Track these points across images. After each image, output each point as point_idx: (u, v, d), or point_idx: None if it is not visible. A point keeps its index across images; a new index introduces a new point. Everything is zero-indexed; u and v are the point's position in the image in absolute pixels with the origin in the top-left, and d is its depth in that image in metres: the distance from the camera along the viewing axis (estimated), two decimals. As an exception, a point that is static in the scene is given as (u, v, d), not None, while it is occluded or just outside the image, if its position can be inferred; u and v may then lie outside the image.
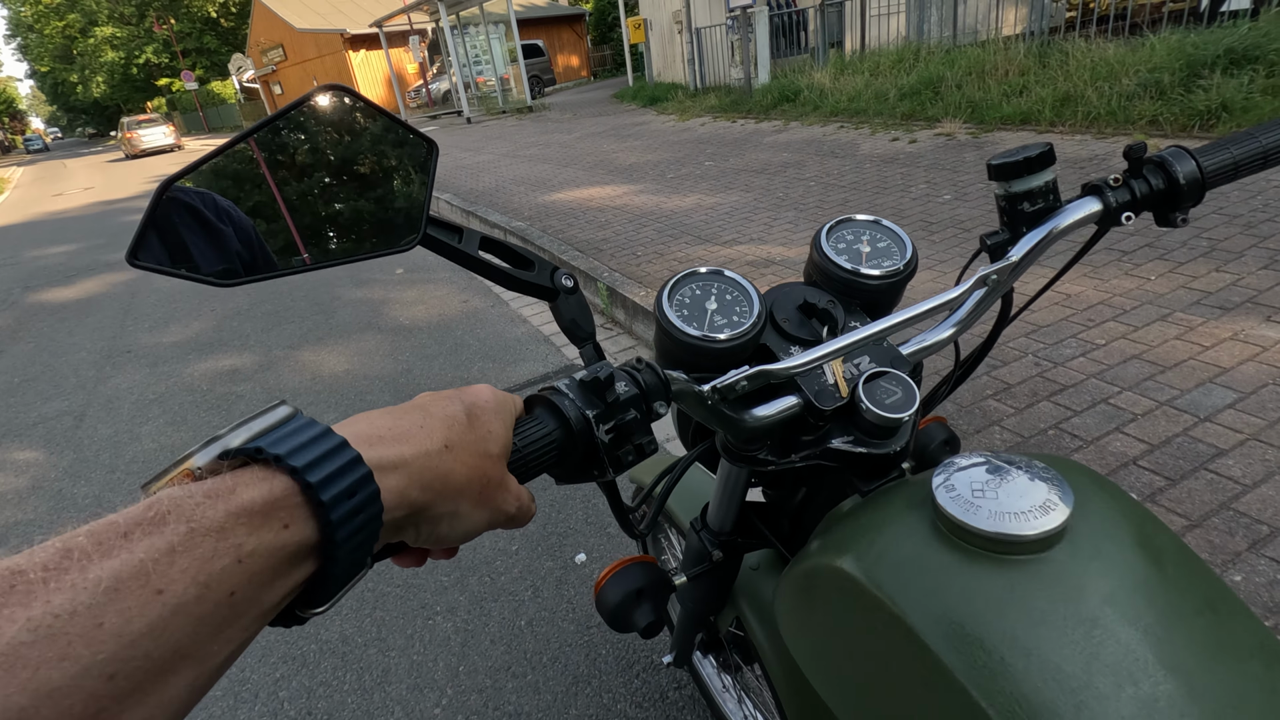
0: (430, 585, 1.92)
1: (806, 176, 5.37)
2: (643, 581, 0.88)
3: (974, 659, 0.42)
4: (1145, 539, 0.47)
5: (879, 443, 0.57)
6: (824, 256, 0.65)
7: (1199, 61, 4.88)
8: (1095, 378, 2.19)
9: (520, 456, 0.43)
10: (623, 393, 0.46)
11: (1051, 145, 0.58)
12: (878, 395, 0.56)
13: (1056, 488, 0.46)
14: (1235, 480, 1.69)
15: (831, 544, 0.56)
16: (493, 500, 0.40)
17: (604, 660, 1.62)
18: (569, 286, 0.58)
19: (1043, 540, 0.44)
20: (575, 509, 2.13)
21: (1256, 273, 2.68)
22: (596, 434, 0.45)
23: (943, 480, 0.49)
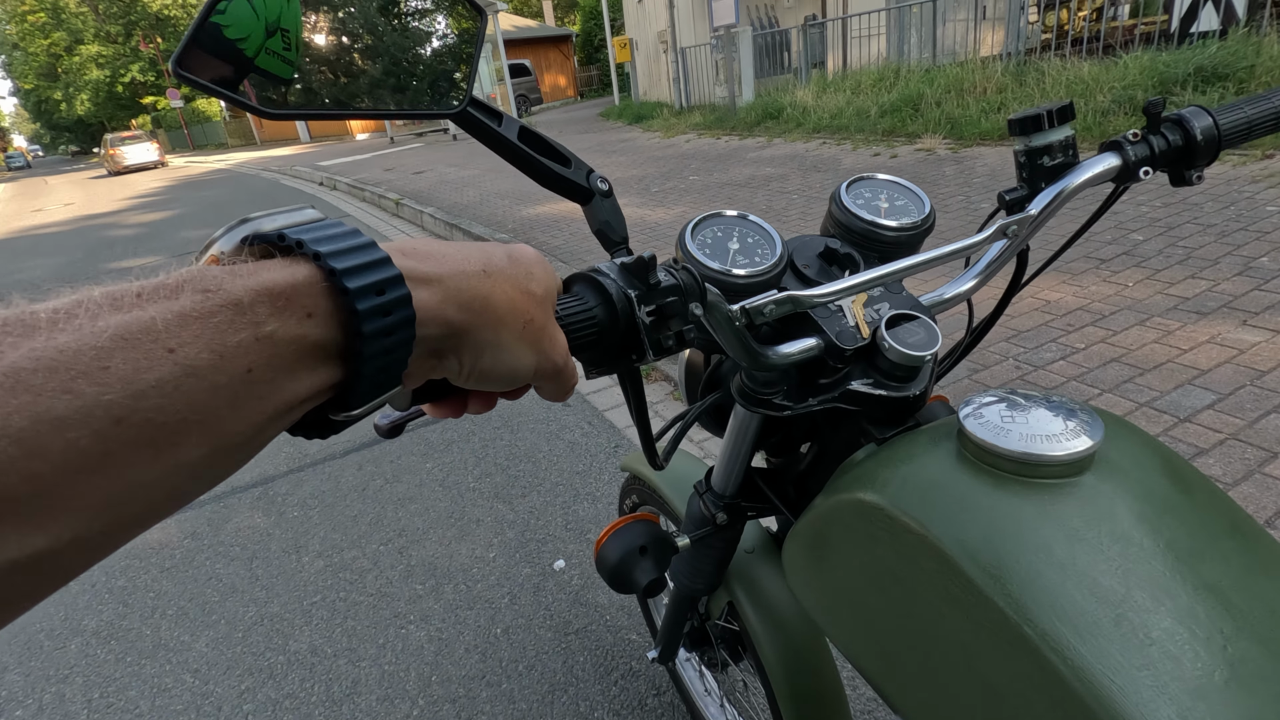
0: (404, 594, 1.87)
1: (789, 190, 5.41)
2: (645, 538, 0.86)
3: (1007, 576, 0.41)
4: (1171, 468, 0.48)
5: (899, 385, 0.57)
6: (843, 208, 0.65)
7: (1170, 79, 4.99)
8: (1076, 380, 2.19)
9: (564, 325, 0.41)
10: (664, 280, 0.44)
11: (1072, 101, 0.59)
12: (900, 335, 0.55)
13: (1086, 417, 0.46)
14: (1216, 479, 1.69)
15: (849, 483, 0.55)
16: (539, 342, 0.37)
17: (581, 667, 1.57)
18: (604, 189, 0.57)
19: (1073, 463, 0.44)
20: (555, 514, 2.09)
21: (1231, 279, 2.71)
22: (638, 314, 0.43)
23: (971, 410, 0.49)
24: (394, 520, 2.18)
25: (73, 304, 0.23)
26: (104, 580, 2.08)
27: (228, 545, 2.18)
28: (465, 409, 0.40)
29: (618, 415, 2.63)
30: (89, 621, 1.92)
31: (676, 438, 0.69)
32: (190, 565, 2.11)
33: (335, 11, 0.48)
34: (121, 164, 24.95)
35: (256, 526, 2.26)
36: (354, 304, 0.27)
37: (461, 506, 2.21)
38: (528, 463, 2.39)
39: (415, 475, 2.41)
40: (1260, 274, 2.71)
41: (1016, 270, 0.69)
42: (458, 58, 0.53)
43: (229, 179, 15.88)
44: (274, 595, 1.93)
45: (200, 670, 1.70)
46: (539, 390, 0.42)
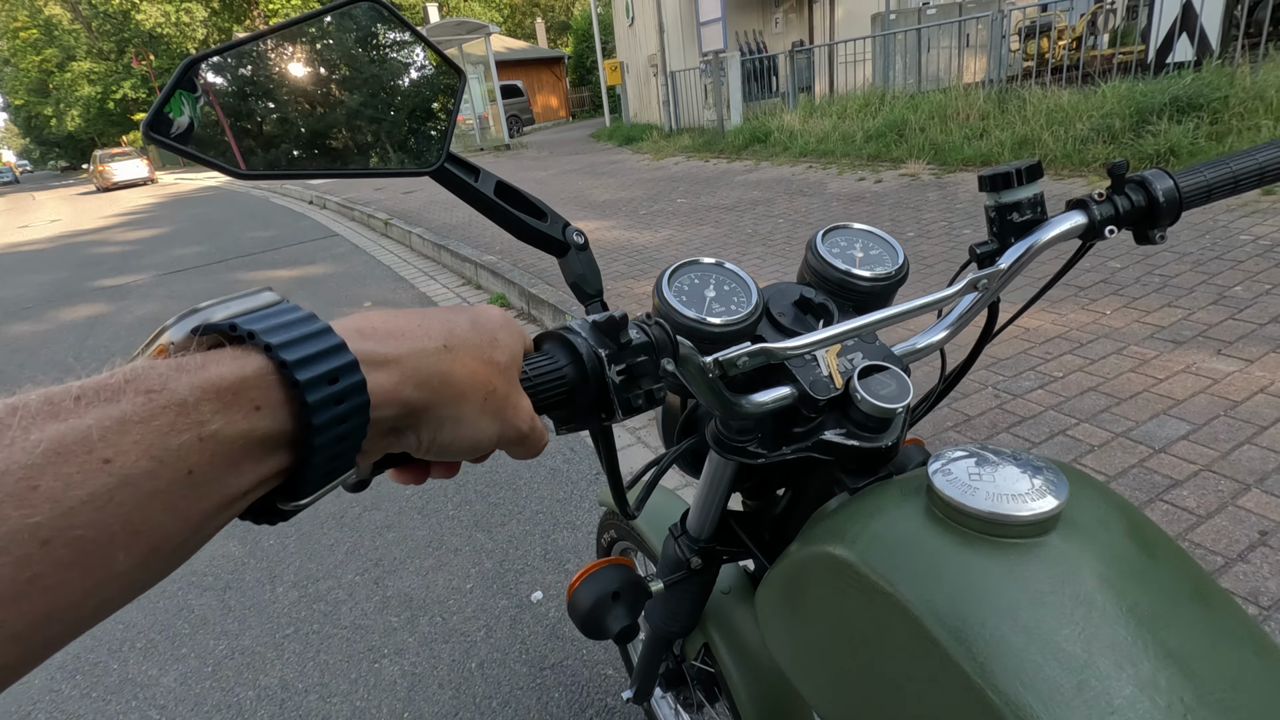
0: (379, 626, 1.84)
1: (775, 213, 5.46)
2: (618, 583, 0.85)
3: (973, 639, 0.42)
4: (1136, 528, 0.48)
5: (871, 435, 0.58)
6: (819, 258, 0.66)
7: (1147, 108, 5.10)
8: (1054, 409, 2.21)
9: (529, 388, 0.41)
10: (635, 338, 0.45)
11: (1040, 160, 0.62)
12: (872, 386, 0.56)
13: (1051, 475, 0.47)
14: (1190, 511, 1.70)
15: (821, 535, 0.56)
16: (502, 412, 0.37)
17: (556, 704, 1.55)
18: (580, 243, 0.58)
19: (1039, 523, 0.45)
20: (534, 544, 2.07)
21: (1206, 308, 2.75)
22: (608, 373, 0.43)
23: (939, 466, 0.49)
24: (371, 549, 2.16)
25: (6, 410, 0.23)
26: (72, 612, 2.04)
27: (201, 575, 2.14)
28: (427, 475, 0.40)
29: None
30: (54, 656, 1.87)
31: (649, 485, 0.69)
32: (162, 596, 2.07)
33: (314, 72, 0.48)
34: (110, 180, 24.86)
35: (231, 555, 2.22)
36: (304, 396, 0.27)
37: (440, 535, 2.18)
38: (508, 490, 2.38)
39: (394, 502, 2.39)
40: (1234, 303, 2.75)
41: (988, 320, 0.71)
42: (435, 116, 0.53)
43: (219, 196, 15.86)
44: (246, 627, 1.90)
45: (167, 706, 1.67)
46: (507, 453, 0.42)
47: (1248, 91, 4.88)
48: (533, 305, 4.15)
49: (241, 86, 0.45)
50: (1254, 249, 3.23)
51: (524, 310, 4.29)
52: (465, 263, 5.33)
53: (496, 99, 16.35)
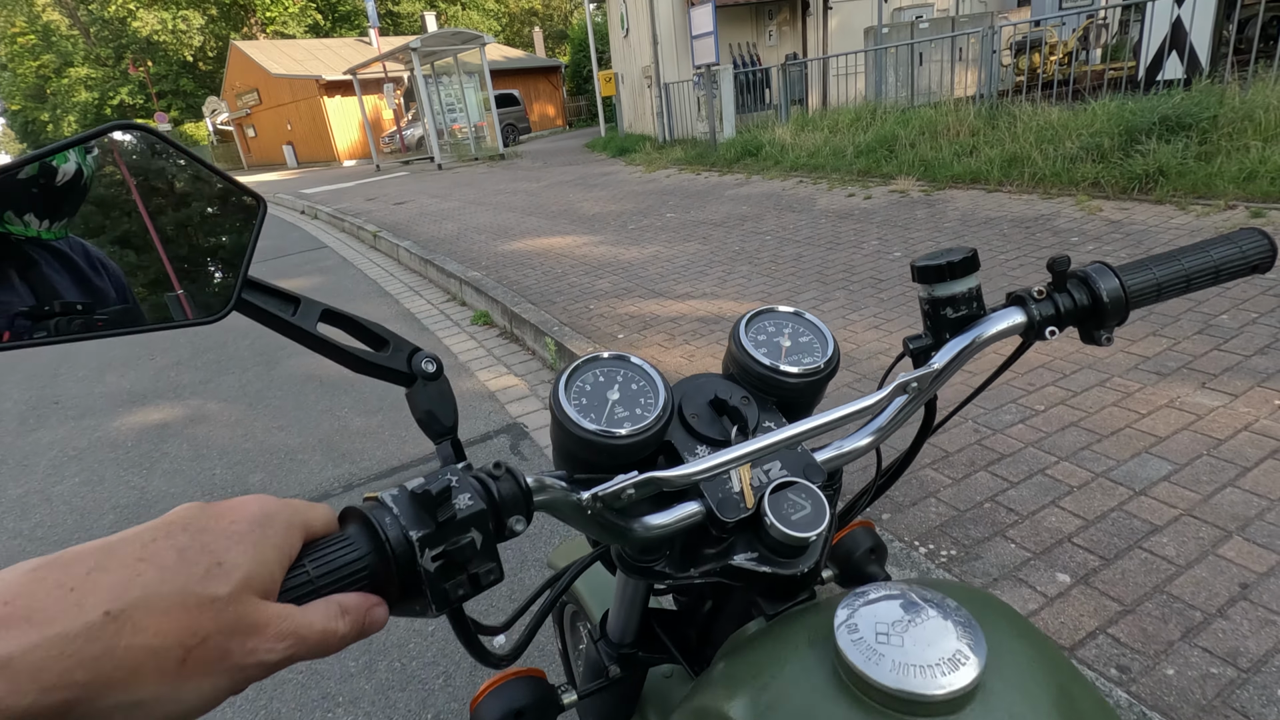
0: (335, 673, 1.78)
1: (763, 230, 5.42)
2: (524, 700, 0.78)
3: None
4: (1067, 698, 0.43)
5: (786, 561, 0.52)
6: (741, 349, 0.61)
7: (1137, 127, 5.08)
8: (1033, 446, 2.16)
9: (313, 589, 0.34)
10: (464, 509, 0.38)
11: (975, 251, 0.57)
12: (784, 509, 0.51)
13: (968, 635, 0.42)
14: (1169, 560, 1.65)
15: (724, 679, 0.51)
16: (224, 659, 0.28)
17: (511, 762, 1.49)
18: (430, 372, 0.51)
19: (952, 701, 0.39)
20: (501, 585, 2.01)
21: (1192, 337, 2.71)
22: (420, 561, 0.36)
23: (846, 618, 0.44)
24: (333, 588, 2.09)
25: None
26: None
27: (157, 614, 2.08)
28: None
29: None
30: None
31: (530, 632, 0.62)
32: (115, 637, 2.00)
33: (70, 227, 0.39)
34: (105, 187, 24.79)
35: (190, 593, 2.16)
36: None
37: (405, 573, 2.12)
38: (477, 524, 2.32)
39: (361, 537, 2.33)
40: (1220, 332, 2.71)
41: (925, 417, 0.65)
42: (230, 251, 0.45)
43: (212, 204, 15.80)
44: (198, 673, 1.83)
45: (109, 762, 1.60)
46: None
47: (1236, 111, 4.87)
48: (515, 325, 4.10)
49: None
50: (1241, 275, 3.20)
51: (506, 329, 4.24)
52: (450, 278, 5.29)
53: (491, 108, 16.35)
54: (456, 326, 4.56)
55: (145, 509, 2.71)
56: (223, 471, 2.95)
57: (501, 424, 3.05)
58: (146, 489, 2.88)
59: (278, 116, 29.72)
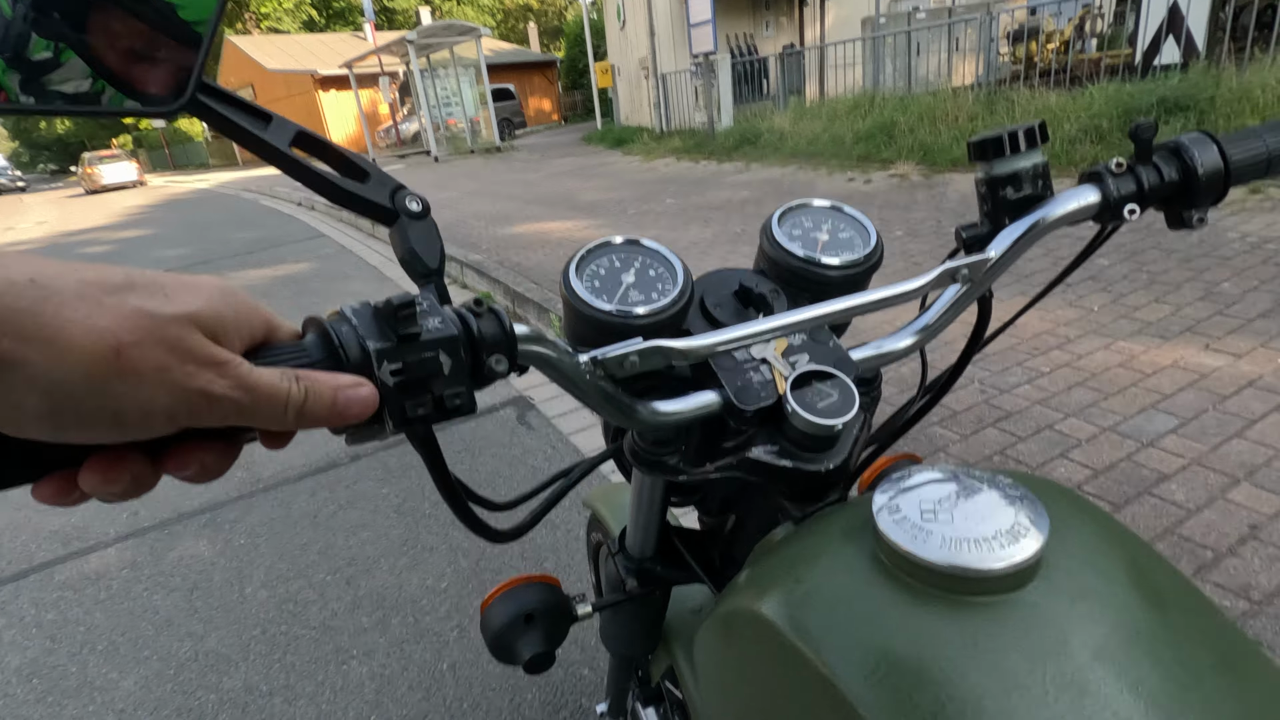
0: (349, 627, 1.78)
1: (764, 213, 5.39)
2: (535, 604, 0.76)
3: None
4: (1141, 574, 0.38)
5: (809, 456, 0.47)
6: (774, 243, 0.56)
7: (1135, 109, 5.11)
8: (1040, 404, 2.18)
9: None
10: (430, 330, 0.35)
11: (1044, 121, 0.50)
12: (808, 397, 0.46)
13: (1027, 509, 0.37)
14: (1179, 505, 1.67)
15: (752, 582, 0.47)
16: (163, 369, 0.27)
17: (529, 705, 1.50)
18: (415, 210, 0.46)
19: (1012, 576, 0.35)
20: (510, 544, 2.02)
21: (1194, 303, 2.73)
22: (377, 373, 0.34)
23: (886, 500, 0.40)
24: (344, 548, 2.10)
25: None
26: (33, 614, 1.97)
27: (168, 575, 2.08)
28: (77, 490, 0.30)
29: (584, 439, 2.57)
30: (12, 659, 1.81)
31: (546, 505, 0.57)
32: (126, 597, 2.00)
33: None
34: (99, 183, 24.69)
35: (200, 555, 2.16)
36: None
37: (416, 533, 2.13)
38: (487, 489, 2.32)
39: (370, 501, 2.33)
40: (1222, 299, 2.73)
41: (979, 320, 0.58)
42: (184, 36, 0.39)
43: (209, 199, 15.75)
44: (212, 629, 1.84)
45: (125, 710, 1.60)
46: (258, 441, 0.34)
47: (1234, 92, 4.90)
48: (518, 304, 4.10)
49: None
50: (1241, 246, 3.22)
51: (510, 309, 4.24)
52: (451, 262, 5.28)
53: (488, 102, 16.32)
54: (459, 307, 4.56)
55: (152, 480, 2.70)
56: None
57: (507, 397, 3.05)
58: (152, 461, 2.87)
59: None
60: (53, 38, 0.35)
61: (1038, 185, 0.50)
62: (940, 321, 0.53)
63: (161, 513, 2.43)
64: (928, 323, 0.53)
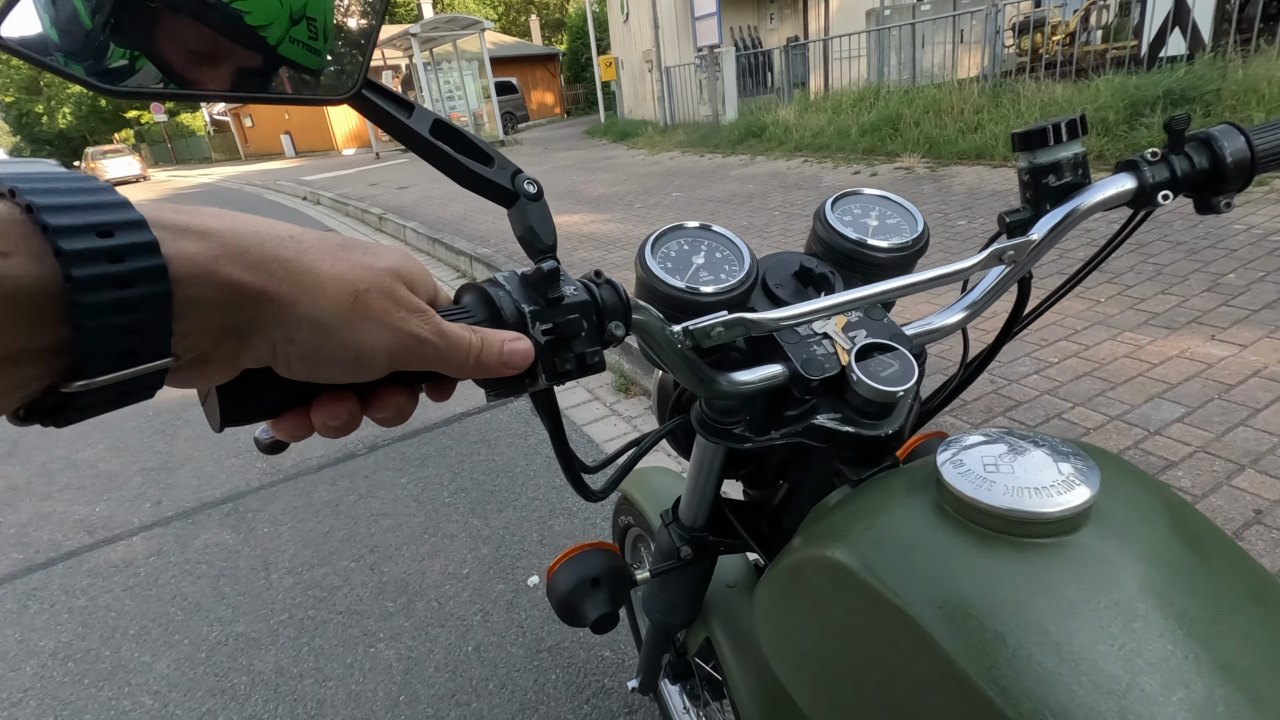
0: (374, 611, 1.83)
1: (770, 206, 5.46)
2: (599, 569, 0.82)
3: (994, 656, 0.36)
4: (1181, 523, 0.42)
5: (870, 422, 0.51)
6: (828, 226, 0.60)
7: (1141, 101, 5.11)
8: (1049, 394, 2.21)
9: None
10: (570, 295, 0.40)
11: (1084, 114, 0.54)
12: (872, 367, 0.51)
13: (1078, 463, 0.41)
14: (1186, 491, 1.70)
15: (818, 534, 0.51)
16: (386, 314, 0.32)
17: (553, 685, 1.54)
18: (532, 193, 0.50)
19: (1067, 520, 0.39)
20: (530, 530, 2.07)
21: (1200, 295, 2.76)
22: (531, 331, 0.39)
23: (949, 456, 0.44)
24: (366, 536, 2.14)
25: None
26: (64, 600, 2.02)
27: (194, 563, 2.13)
28: (310, 427, 0.34)
29: (599, 429, 2.61)
30: (46, 643, 1.86)
31: (625, 468, 0.62)
32: (155, 584, 2.05)
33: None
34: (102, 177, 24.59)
35: (225, 543, 2.21)
36: (58, 243, 0.23)
37: (436, 522, 2.17)
38: (504, 477, 2.37)
39: (389, 490, 2.38)
40: (1228, 290, 2.76)
41: (1018, 300, 0.63)
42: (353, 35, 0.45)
43: (212, 194, 15.78)
44: (240, 614, 1.88)
45: (160, 692, 1.65)
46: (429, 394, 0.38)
47: (1240, 84, 4.90)
48: (528, 297, 4.13)
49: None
50: (1247, 238, 3.25)
51: (519, 302, 4.28)
52: (460, 256, 5.32)
53: (491, 96, 16.31)
54: (468, 301, 4.60)
55: (170, 471, 2.75)
56: (245, 436, 2.99)
57: (520, 388, 3.10)
58: (170, 453, 2.92)
59: (275, 106, 29.54)
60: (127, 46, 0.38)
61: (1077, 173, 0.54)
62: (985, 300, 0.57)
63: (185, 502, 2.48)
64: (973, 300, 0.57)
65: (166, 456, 2.90)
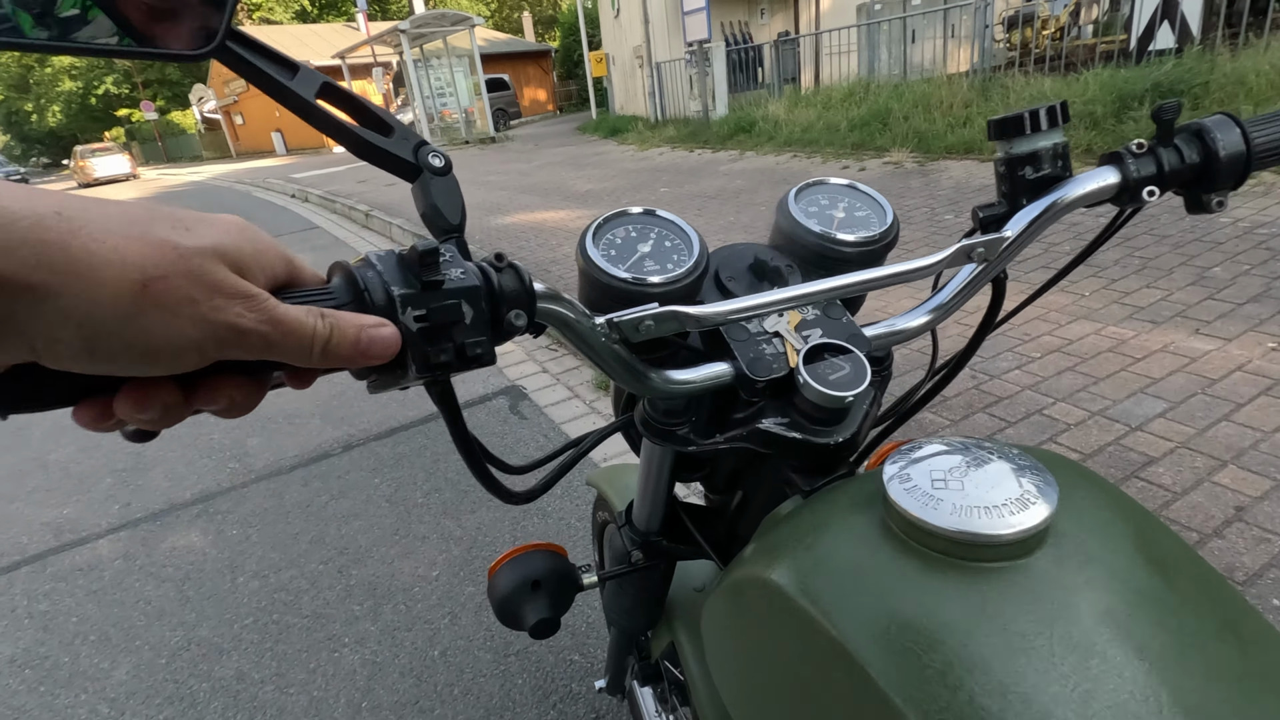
0: (341, 615, 1.79)
1: (759, 201, 5.42)
2: (541, 571, 0.77)
3: (933, 697, 0.33)
4: (1146, 543, 0.38)
5: (819, 429, 0.48)
6: (789, 218, 0.56)
7: (1129, 95, 5.09)
8: (1030, 389, 2.18)
9: None
10: (454, 279, 0.36)
11: (1066, 101, 0.50)
12: (821, 370, 0.47)
13: (1036, 478, 0.38)
14: (1166, 488, 1.67)
15: (762, 551, 0.48)
16: (190, 303, 0.27)
17: (519, 690, 1.51)
18: (437, 166, 0.45)
19: (1020, 543, 0.35)
20: (503, 531, 2.03)
21: (1185, 289, 2.73)
22: (400, 318, 0.35)
23: (897, 470, 0.40)
24: (336, 538, 2.10)
25: None
26: (24, 605, 1.97)
27: (160, 566, 2.08)
28: (113, 416, 0.30)
29: (576, 427, 2.57)
30: (4, 649, 1.81)
31: (560, 470, 0.58)
32: (118, 588, 2.01)
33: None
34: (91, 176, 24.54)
35: (193, 546, 2.16)
36: None
37: (407, 523, 2.13)
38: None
39: (362, 491, 2.33)
40: (1213, 283, 2.74)
41: (993, 300, 0.58)
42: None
43: (202, 191, 15.66)
44: (204, 618, 1.84)
45: (117, 700, 1.61)
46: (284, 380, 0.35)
47: (1228, 77, 4.88)
48: (511, 294, 4.09)
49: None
50: (1233, 231, 3.22)
51: (503, 299, 4.24)
52: (445, 253, 5.27)
53: (482, 93, 16.23)
54: (452, 298, 4.56)
55: (141, 472, 2.70)
56: (220, 435, 2.94)
57: (500, 386, 3.05)
58: (143, 453, 2.87)
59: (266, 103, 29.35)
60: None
61: (1057, 165, 0.50)
62: (954, 301, 0.53)
63: (154, 504, 2.43)
64: (941, 302, 0.53)
65: (139, 457, 2.84)
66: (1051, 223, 0.50)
